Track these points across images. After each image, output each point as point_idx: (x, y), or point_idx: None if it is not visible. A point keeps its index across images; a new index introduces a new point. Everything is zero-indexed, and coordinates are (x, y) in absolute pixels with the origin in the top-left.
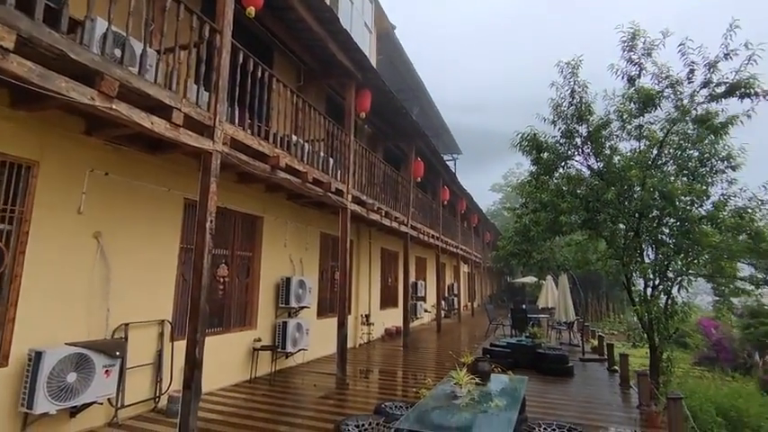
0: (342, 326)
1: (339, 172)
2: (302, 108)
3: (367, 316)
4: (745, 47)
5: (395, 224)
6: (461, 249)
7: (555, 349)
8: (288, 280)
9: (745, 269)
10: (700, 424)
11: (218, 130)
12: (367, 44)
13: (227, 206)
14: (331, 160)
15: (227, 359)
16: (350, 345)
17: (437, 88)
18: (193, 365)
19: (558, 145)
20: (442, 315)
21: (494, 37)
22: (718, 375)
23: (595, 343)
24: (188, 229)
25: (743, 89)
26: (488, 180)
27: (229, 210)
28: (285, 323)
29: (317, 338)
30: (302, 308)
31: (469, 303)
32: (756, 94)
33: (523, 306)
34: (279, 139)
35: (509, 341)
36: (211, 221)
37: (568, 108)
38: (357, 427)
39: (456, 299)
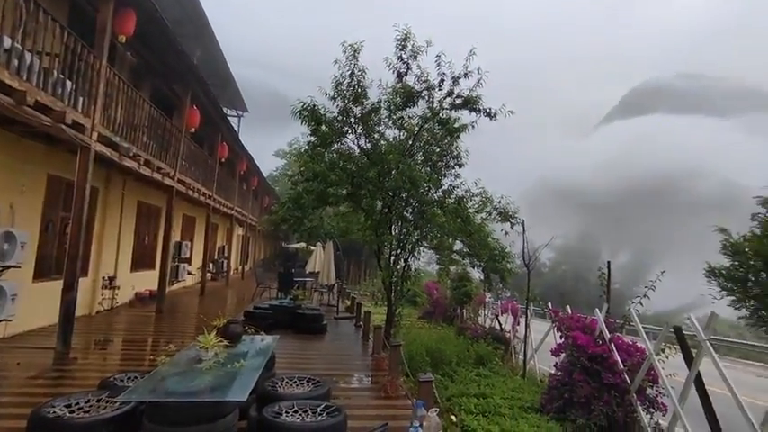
0: (69, 289)
1: (82, 101)
2: (22, 3)
3: (111, 278)
4: (477, 71)
5: (158, 176)
6: (237, 211)
7: (314, 310)
8: None
9: (458, 245)
10: (415, 363)
11: None
12: None
13: None
14: (69, 83)
15: None
16: (85, 312)
17: (231, 36)
18: None
19: (335, 121)
20: (209, 278)
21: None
22: (433, 326)
23: (349, 303)
24: None
25: (472, 104)
26: (275, 144)
27: None
28: None
29: (31, 305)
30: (7, 267)
31: (241, 267)
32: (480, 110)
33: (292, 270)
34: None
35: (272, 303)
36: None
37: (347, 88)
38: (68, 407)
39: (226, 262)
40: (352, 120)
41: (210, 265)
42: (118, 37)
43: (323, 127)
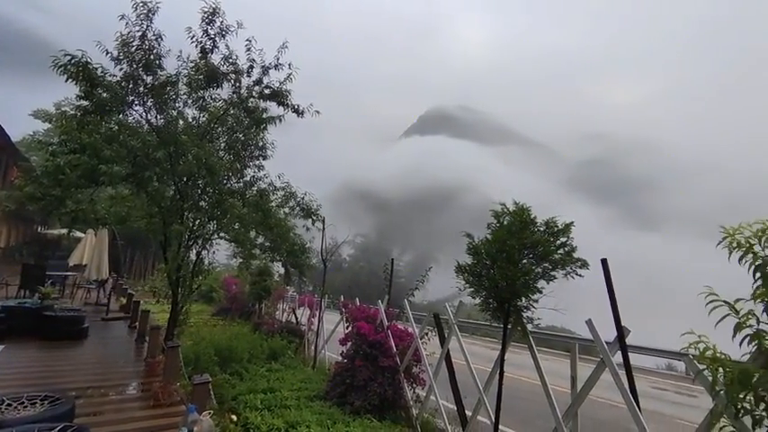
0: None
1: None
2: None
3: None
4: (289, 66)
5: None
6: None
7: (72, 310)
8: None
9: (262, 238)
10: (201, 364)
11: None
12: None
13: None
14: None
15: None
16: None
17: None
18: None
19: (118, 86)
20: None
21: None
22: (228, 322)
23: (125, 301)
24: None
25: (280, 98)
26: (37, 103)
27: None
28: None
29: None
30: None
31: None
32: (288, 105)
33: (47, 262)
34: None
35: (6, 304)
36: None
37: (136, 51)
38: None
39: None
40: (142, 88)
41: None
42: None
43: (100, 90)
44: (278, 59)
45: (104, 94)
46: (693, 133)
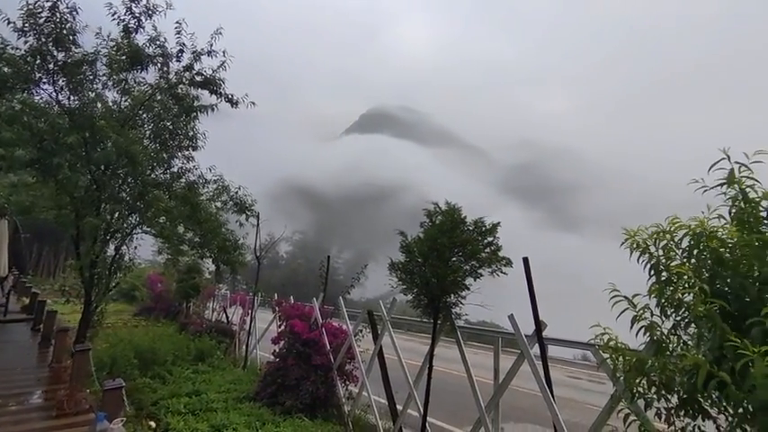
0: None
1: None
2: None
3: None
4: (223, 53)
5: None
6: None
7: None
8: None
9: (189, 234)
10: (118, 368)
11: None
12: None
13: None
14: None
15: None
16: None
17: None
18: None
19: (22, 61)
20: None
21: None
22: (152, 323)
23: (27, 301)
24: None
25: (213, 86)
26: None
27: None
28: None
29: None
30: None
31: None
32: (221, 94)
33: None
34: None
35: None
36: None
37: (45, 23)
38: None
39: None
40: (52, 65)
41: None
42: None
43: (2, 65)
44: (211, 46)
45: (5, 69)
46: (611, 141)
